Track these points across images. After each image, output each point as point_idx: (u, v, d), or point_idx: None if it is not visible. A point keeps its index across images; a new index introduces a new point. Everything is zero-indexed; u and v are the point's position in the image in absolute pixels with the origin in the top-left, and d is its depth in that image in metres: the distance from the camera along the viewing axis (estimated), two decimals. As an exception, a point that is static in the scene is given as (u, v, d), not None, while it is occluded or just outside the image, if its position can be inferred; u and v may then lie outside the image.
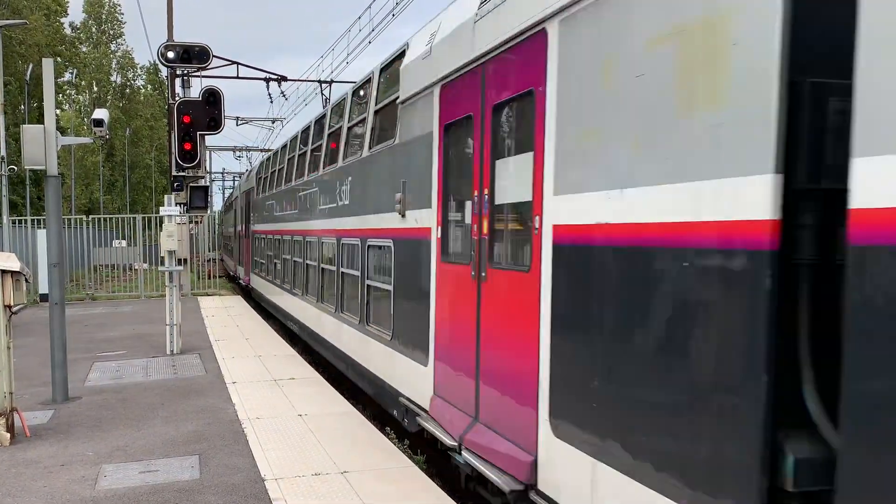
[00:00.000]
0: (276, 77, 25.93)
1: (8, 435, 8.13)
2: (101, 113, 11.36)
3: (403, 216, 8.21)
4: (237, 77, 25.00)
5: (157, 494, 6.55)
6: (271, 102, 50.29)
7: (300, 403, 9.72)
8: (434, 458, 8.08)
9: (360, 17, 32.33)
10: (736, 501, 3.31)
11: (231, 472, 7.10)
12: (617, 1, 4.26)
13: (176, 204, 13.87)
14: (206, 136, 13.80)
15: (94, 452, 7.79)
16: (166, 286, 13.77)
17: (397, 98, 8.44)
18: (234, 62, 24.35)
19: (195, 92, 20.96)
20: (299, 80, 27.75)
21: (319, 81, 26.97)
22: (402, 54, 8.59)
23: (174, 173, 14.07)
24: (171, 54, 14.61)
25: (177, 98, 22.09)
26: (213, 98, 13.28)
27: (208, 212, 28.77)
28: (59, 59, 55.30)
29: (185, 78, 23.88)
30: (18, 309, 8.24)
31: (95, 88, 75.34)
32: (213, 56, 15.52)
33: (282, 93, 28.08)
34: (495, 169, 5.90)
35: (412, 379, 7.96)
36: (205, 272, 28.91)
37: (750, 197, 3.23)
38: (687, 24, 3.66)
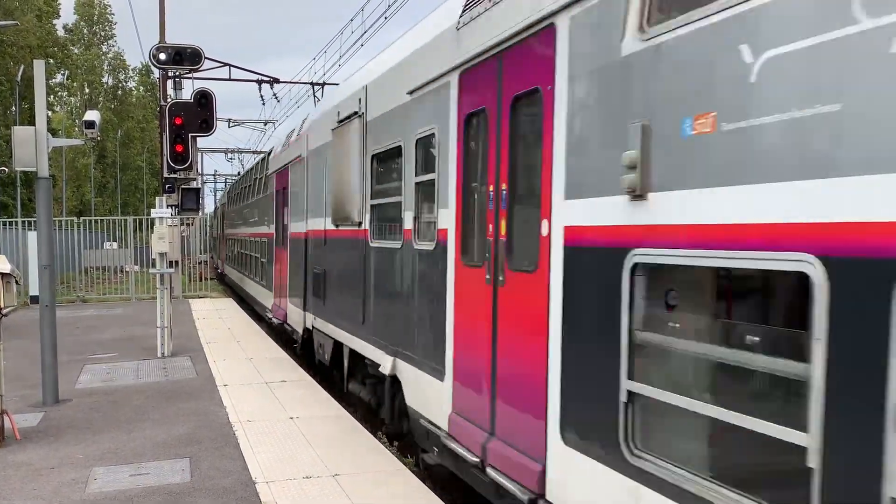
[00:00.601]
0: (268, 79, 25.91)
1: (-3, 438, 8.10)
2: (92, 114, 11.35)
3: (269, 227, 18.08)
4: (229, 79, 24.95)
5: (147, 497, 6.54)
6: (263, 104, 50.17)
7: (291, 406, 9.72)
8: (424, 462, 8.08)
9: (352, 20, 32.29)
10: (305, 314, 13.21)
11: (222, 474, 7.10)
12: (298, 165, 13.96)
13: (167, 206, 13.86)
14: (197, 138, 13.79)
15: (84, 455, 7.77)
16: (157, 288, 13.75)
17: (269, 171, 18.52)
18: (226, 64, 24.33)
19: (187, 94, 20.93)
20: (291, 83, 27.75)
21: (311, 84, 26.97)
22: (271, 151, 19.62)
23: (166, 175, 14.08)
24: (162, 56, 14.61)
25: (169, 100, 22.05)
26: (204, 100, 13.27)
27: (200, 214, 28.70)
28: (50, 60, 55.12)
29: (177, 80, 23.84)
30: (8, 311, 8.21)
31: (87, 90, 75.15)
32: (205, 58, 15.52)
33: (274, 95, 27.96)
34: (284, 211, 15.30)
35: (268, 299, 17.95)
36: (196, 274, 28.81)
37: (323, 224, 11.61)
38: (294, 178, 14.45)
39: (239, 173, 43.82)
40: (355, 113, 9.69)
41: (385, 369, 8.21)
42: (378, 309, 8.81)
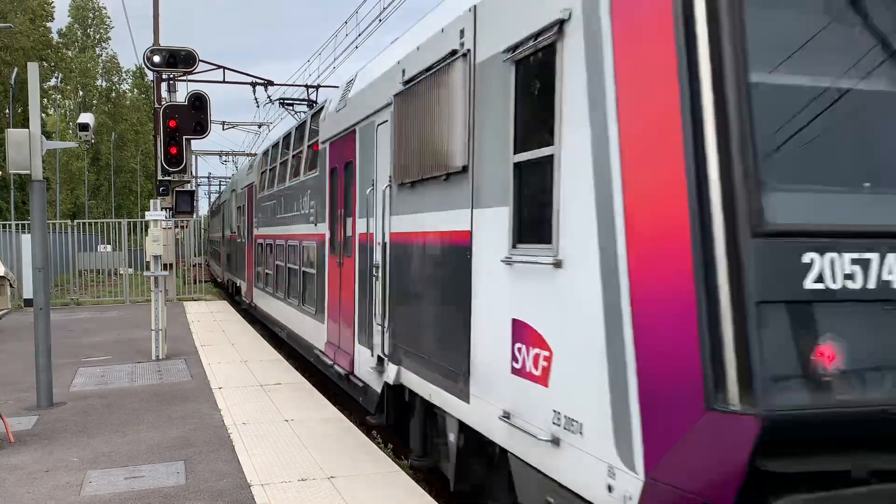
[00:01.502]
0: (262, 81, 25.86)
1: (-9, 441, 8.08)
2: (86, 117, 11.34)
3: (221, 232, 32.19)
4: (224, 81, 24.87)
5: (142, 500, 6.53)
6: (258, 107, 50.28)
7: (286, 409, 9.71)
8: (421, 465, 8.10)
9: (346, 22, 32.25)
10: (229, 274, 28.70)
11: (217, 477, 7.09)
12: (227, 202, 30.13)
13: (161, 208, 13.83)
14: (192, 141, 13.77)
15: (78, 458, 7.76)
16: (152, 291, 13.73)
17: (223, 201, 33.47)
18: (220, 66, 24.25)
19: (181, 96, 20.93)
20: (286, 85, 27.68)
21: (306, 86, 26.91)
22: (225, 189, 38.30)
23: (160, 178, 14.04)
24: (157, 58, 14.57)
25: (163, 102, 22.01)
26: (199, 102, 13.23)
27: (194, 216, 28.72)
28: (44, 63, 54.96)
29: (172, 82, 23.81)
30: (3, 314, 8.21)
31: (81, 93, 74.98)
32: (200, 60, 15.48)
33: (268, 97, 27.92)
34: (225, 223, 30.46)
35: (217, 270, 35.22)
36: (190, 277, 28.79)
37: (230, 231, 28.13)
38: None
39: (232, 176, 44.57)
40: (234, 189, 25.29)
41: (237, 283, 24.10)
42: (240, 264, 22.29)
